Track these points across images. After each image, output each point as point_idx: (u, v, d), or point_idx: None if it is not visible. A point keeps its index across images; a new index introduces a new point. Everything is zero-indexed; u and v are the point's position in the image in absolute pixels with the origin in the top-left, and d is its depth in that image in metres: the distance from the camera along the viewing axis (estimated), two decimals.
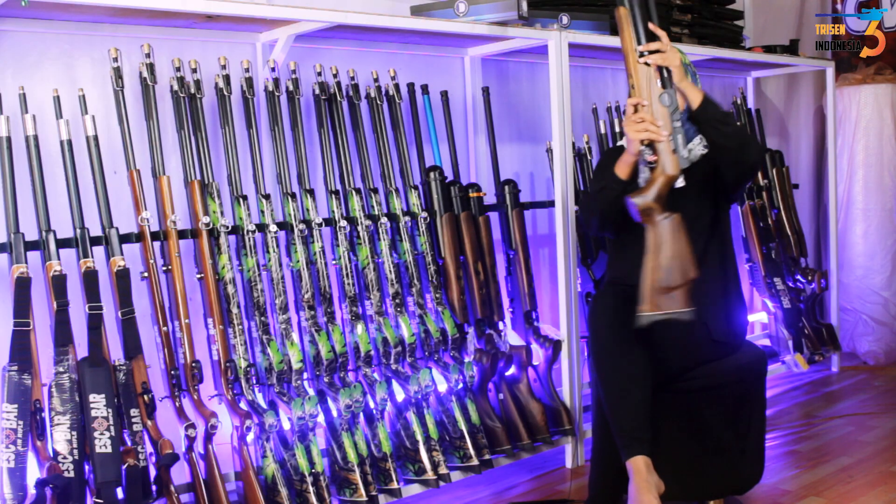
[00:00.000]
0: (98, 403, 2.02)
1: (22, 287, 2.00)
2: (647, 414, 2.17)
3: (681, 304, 2.13)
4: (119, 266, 2.13)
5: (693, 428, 2.33)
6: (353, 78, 2.68)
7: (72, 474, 1.98)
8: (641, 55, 2.20)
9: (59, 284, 2.04)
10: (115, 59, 2.22)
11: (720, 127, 2.20)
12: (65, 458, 1.98)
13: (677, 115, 2.17)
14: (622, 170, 2.25)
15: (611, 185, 2.27)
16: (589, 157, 3.31)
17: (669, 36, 3.32)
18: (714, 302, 2.39)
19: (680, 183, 2.16)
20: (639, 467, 2.12)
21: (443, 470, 2.50)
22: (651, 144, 2.15)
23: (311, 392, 2.39)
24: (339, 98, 2.62)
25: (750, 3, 4.26)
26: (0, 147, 2.05)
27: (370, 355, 2.54)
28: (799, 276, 3.89)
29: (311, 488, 2.27)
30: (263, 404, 2.33)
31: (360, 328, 2.52)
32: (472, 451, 2.56)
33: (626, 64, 2.18)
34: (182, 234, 2.27)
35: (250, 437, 2.25)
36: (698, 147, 2.34)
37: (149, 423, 2.13)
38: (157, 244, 2.25)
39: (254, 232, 2.38)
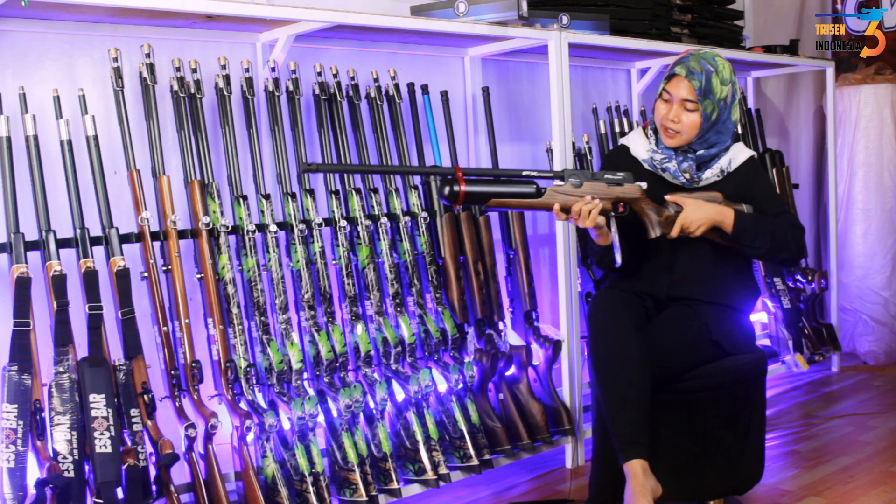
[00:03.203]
0: (98, 403, 2.02)
1: (22, 287, 2.00)
2: (644, 417, 2.16)
3: None
4: (119, 266, 2.13)
5: (693, 428, 2.33)
6: (353, 78, 2.68)
7: (72, 474, 1.98)
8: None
9: (59, 284, 2.04)
10: (115, 59, 2.22)
11: (750, 250, 2.34)
12: (65, 458, 1.98)
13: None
14: (600, 240, 2.33)
15: (602, 255, 2.37)
16: (589, 157, 3.31)
17: (669, 36, 3.36)
18: (719, 302, 2.39)
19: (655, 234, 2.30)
20: (635, 471, 2.12)
21: (443, 470, 2.50)
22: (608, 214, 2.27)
23: (311, 392, 2.39)
24: (339, 98, 2.62)
25: (750, 3, 4.26)
26: (0, 147, 2.05)
27: (370, 355, 2.53)
28: (799, 276, 3.89)
29: (311, 488, 2.27)
30: (263, 404, 2.33)
31: (360, 328, 2.52)
32: (472, 451, 2.56)
33: (530, 209, 2.23)
34: (182, 234, 2.27)
35: (250, 437, 2.25)
36: (714, 176, 2.39)
37: (149, 423, 2.13)
38: (157, 244, 2.25)
39: (254, 232, 2.38)
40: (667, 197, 2.29)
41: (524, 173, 2.18)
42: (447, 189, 2.09)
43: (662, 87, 2.36)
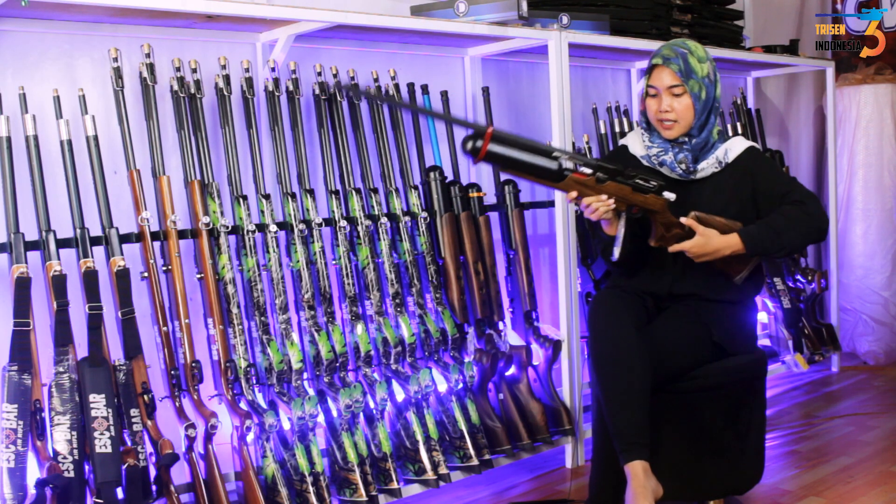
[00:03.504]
0: (98, 403, 2.02)
1: (22, 287, 2.00)
2: (645, 418, 2.16)
3: None
4: (119, 266, 2.13)
5: (693, 428, 2.33)
6: (353, 78, 2.68)
7: (72, 474, 1.98)
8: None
9: (59, 284, 2.04)
10: (115, 59, 2.22)
11: (776, 257, 2.32)
12: (65, 458, 1.98)
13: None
14: (608, 228, 2.31)
15: (608, 245, 2.34)
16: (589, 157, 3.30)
17: (669, 36, 3.36)
18: (721, 298, 2.38)
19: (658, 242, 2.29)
20: (636, 472, 2.12)
21: (443, 470, 2.50)
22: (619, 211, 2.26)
23: (311, 392, 2.39)
24: (339, 98, 2.62)
25: (750, 3, 4.26)
26: (0, 147, 2.05)
27: (370, 355, 2.54)
28: (799, 276, 3.89)
29: (311, 488, 2.27)
30: (263, 404, 2.33)
31: (360, 328, 2.52)
32: (472, 451, 2.56)
33: (552, 187, 2.23)
34: (182, 234, 2.27)
35: (250, 437, 2.25)
36: (711, 167, 2.37)
37: (149, 423, 2.13)
38: (157, 244, 2.25)
39: (254, 232, 2.38)
40: (683, 220, 2.26)
41: (554, 154, 2.15)
42: (470, 143, 2.07)
43: (646, 84, 2.36)
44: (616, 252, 2.26)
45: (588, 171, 2.18)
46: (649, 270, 2.41)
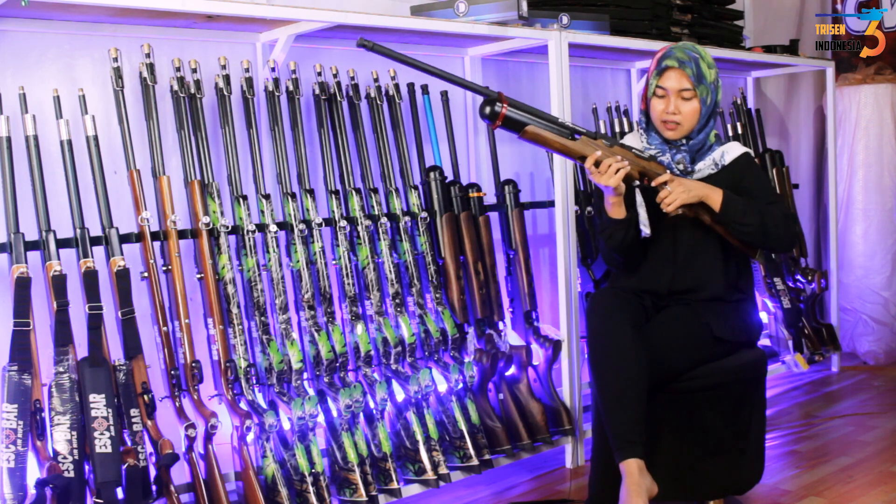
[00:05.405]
0: (98, 403, 2.02)
1: (22, 287, 2.00)
2: (641, 416, 2.16)
3: None
4: (119, 266, 2.13)
5: (693, 428, 2.33)
6: (353, 78, 2.68)
7: (72, 474, 1.98)
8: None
9: (59, 284, 2.04)
10: (115, 59, 2.23)
11: (740, 227, 2.29)
12: (65, 458, 1.98)
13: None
14: (615, 211, 2.31)
15: (614, 229, 2.33)
16: None
17: (669, 36, 3.36)
18: (718, 299, 2.39)
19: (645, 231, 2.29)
20: (631, 470, 2.12)
21: (443, 470, 2.50)
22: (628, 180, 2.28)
23: (311, 392, 2.40)
24: (339, 98, 2.62)
25: (750, 3, 4.26)
26: (0, 147, 2.05)
27: (370, 355, 2.54)
28: (799, 276, 3.89)
29: (311, 488, 2.27)
30: (263, 404, 2.33)
31: (360, 328, 2.52)
32: (472, 451, 2.56)
33: (562, 153, 2.26)
34: (182, 234, 2.27)
35: (250, 437, 2.25)
36: (708, 168, 2.38)
37: (149, 423, 2.13)
38: (157, 244, 2.25)
39: (254, 232, 2.38)
40: (665, 176, 2.29)
41: (560, 120, 2.23)
42: (489, 108, 2.12)
43: (655, 84, 2.36)
44: (645, 230, 2.27)
45: (592, 141, 2.24)
46: (650, 268, 2.41)
